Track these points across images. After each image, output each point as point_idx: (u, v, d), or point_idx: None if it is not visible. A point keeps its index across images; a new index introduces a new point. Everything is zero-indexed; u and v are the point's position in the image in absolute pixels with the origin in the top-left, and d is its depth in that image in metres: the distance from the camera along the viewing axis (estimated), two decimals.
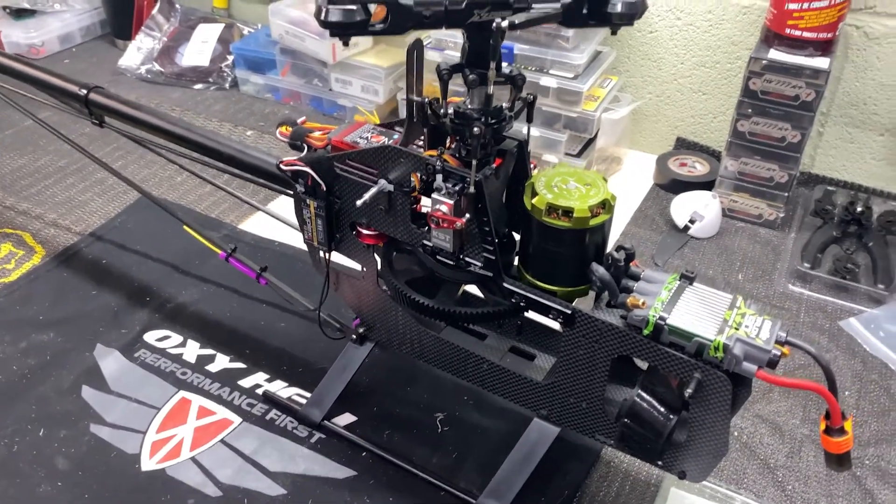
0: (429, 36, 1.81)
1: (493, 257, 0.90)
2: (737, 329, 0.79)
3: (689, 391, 0.80)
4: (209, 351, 1.28)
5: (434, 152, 0.89)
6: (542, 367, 1.06)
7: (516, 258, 0.96)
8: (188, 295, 1.40)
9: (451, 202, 0.86)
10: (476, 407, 1.19)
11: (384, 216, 0.96)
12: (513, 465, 1.02)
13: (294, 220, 1.07)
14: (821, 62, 1.47)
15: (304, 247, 1.09)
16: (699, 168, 1.79)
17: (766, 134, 1.57)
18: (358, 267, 1.07)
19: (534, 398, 1.00)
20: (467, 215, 0.87)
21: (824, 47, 1.50)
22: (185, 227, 1.28)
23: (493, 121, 0.86)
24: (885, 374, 1.29)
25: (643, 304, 0.83)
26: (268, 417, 1.16)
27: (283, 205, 1.27)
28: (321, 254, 1.07)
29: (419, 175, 0.89)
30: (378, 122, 1.03)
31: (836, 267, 1.50)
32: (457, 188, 0.87)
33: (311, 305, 1.17)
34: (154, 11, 2.31)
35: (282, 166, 1.00)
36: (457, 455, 1.11)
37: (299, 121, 1.06)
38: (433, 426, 1.15)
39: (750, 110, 1.56)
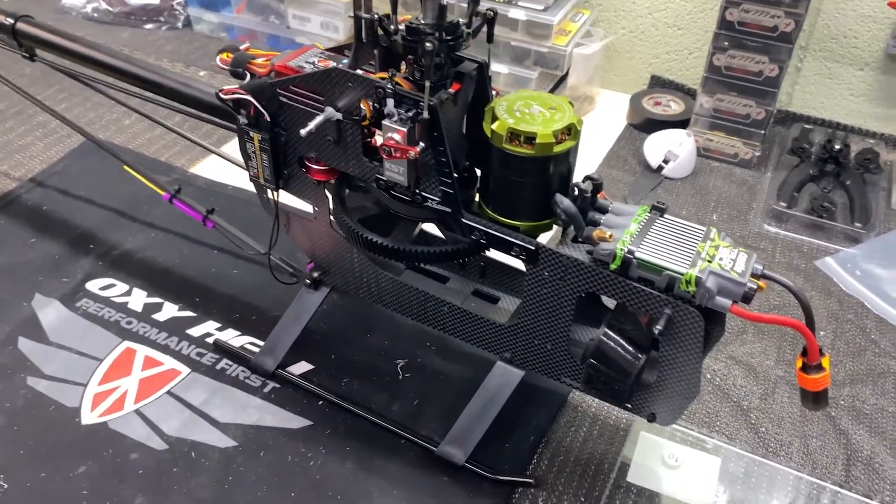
0: None
1: (452, 191, 0.83)
2: (710, 262, 0.74)
3: (658, 328, 0.75)
4: (156, 299, 1.21)
5: (385, 75, 0.81)
6: (507, 309, 1.01)
7: (478, 194, 0.90)
8: (135, 242, 1.32)
9: (404, 129, 0.79)
10: (439, 352, 1.13)
11: (333, 148, 0.89)
12: (475, 410, 0.97)
13: None
14: None
15: None
16: (674, 107, 1.73)
17: (743, 68, 1.50)
18: (309, 207, 1.00)
19: (497, 341, 0.94)
20: (422, 144, 0.80)
21: None
22: (125, 168, 1.19)
23: (448, 37, 0.78)
24: (860, 314, 1.26)
25: (610, 237, 0.77)
26: (218, 367, 1.10)
27: (237, 147, 1.19)
28: (269, 192, 0.99)
29: (370, 102, 0.82)
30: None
31: (812, 206, 1.45)
32: (410, 114, 0.80)
33: (262, 249, 1.10)
34: None
35: (221, 95, 0.92)
36: (418, 402, 1.06)
37: (242, 47, 0.98)
38: (394, 373, 1.10)
39: (726, 43, 1.49)
